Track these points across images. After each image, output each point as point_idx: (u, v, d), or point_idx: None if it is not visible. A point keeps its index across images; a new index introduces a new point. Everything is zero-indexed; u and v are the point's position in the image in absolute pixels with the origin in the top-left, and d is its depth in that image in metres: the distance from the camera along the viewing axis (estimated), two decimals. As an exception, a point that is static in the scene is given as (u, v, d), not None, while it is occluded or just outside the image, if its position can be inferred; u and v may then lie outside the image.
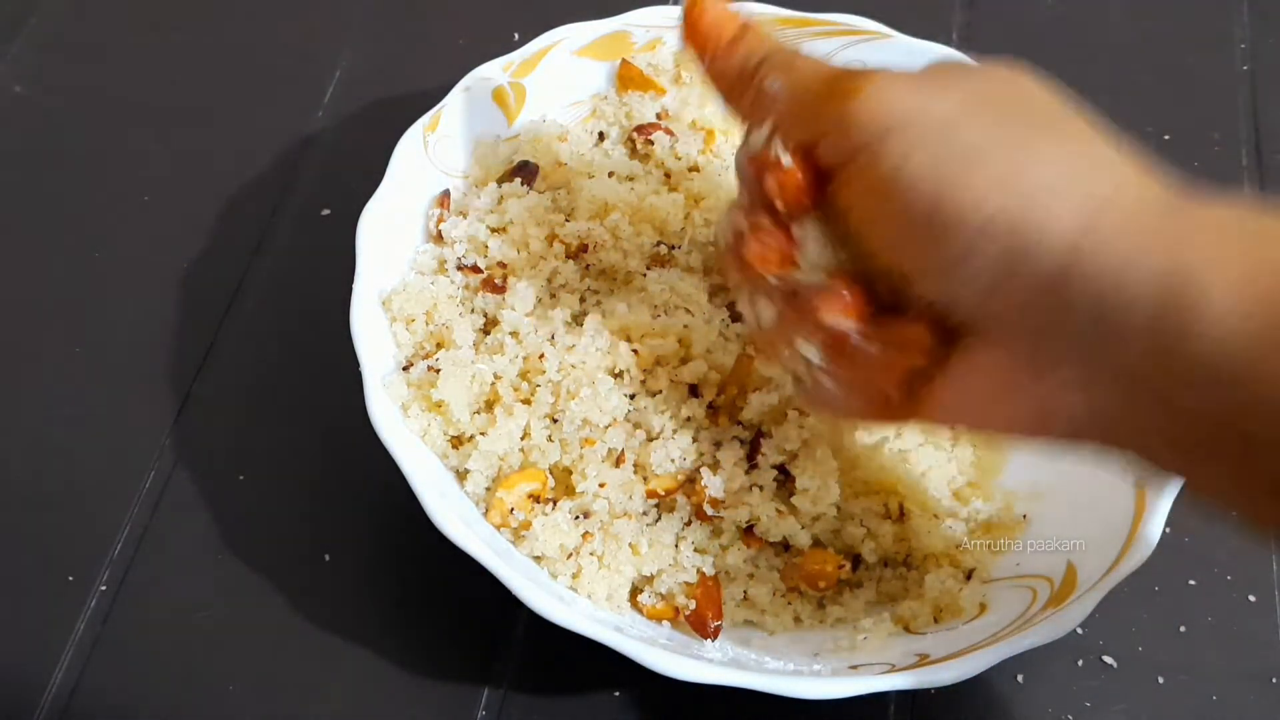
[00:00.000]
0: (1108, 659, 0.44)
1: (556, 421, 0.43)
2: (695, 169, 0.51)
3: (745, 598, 0.43)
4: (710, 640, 0.41)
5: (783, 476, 0.43)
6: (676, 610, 0.42)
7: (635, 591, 0.43)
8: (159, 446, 0.48)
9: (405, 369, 0.44)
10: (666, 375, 0.44)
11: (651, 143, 0.51)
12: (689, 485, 0.43)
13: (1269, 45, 0.62)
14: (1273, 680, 0.43)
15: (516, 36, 0.60)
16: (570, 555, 0.42)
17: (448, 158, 0.49)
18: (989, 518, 0.45)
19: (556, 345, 0.44)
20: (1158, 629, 0.44)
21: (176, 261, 0.54)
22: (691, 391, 0.44)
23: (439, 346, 0.45)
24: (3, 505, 0.47)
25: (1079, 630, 0.40)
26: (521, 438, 0.43)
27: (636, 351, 0.43)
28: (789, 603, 0.43)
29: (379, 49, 0.62)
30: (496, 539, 0.41)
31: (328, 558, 0.46)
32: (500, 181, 0.49)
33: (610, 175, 0.50)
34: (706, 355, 0.44)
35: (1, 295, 0.53)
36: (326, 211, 0.55)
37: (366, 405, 0.42)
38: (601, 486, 0.42)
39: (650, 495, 0.43)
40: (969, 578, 0.43)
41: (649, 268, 0.47)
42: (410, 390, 0.44)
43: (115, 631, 0.44)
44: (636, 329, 0.44)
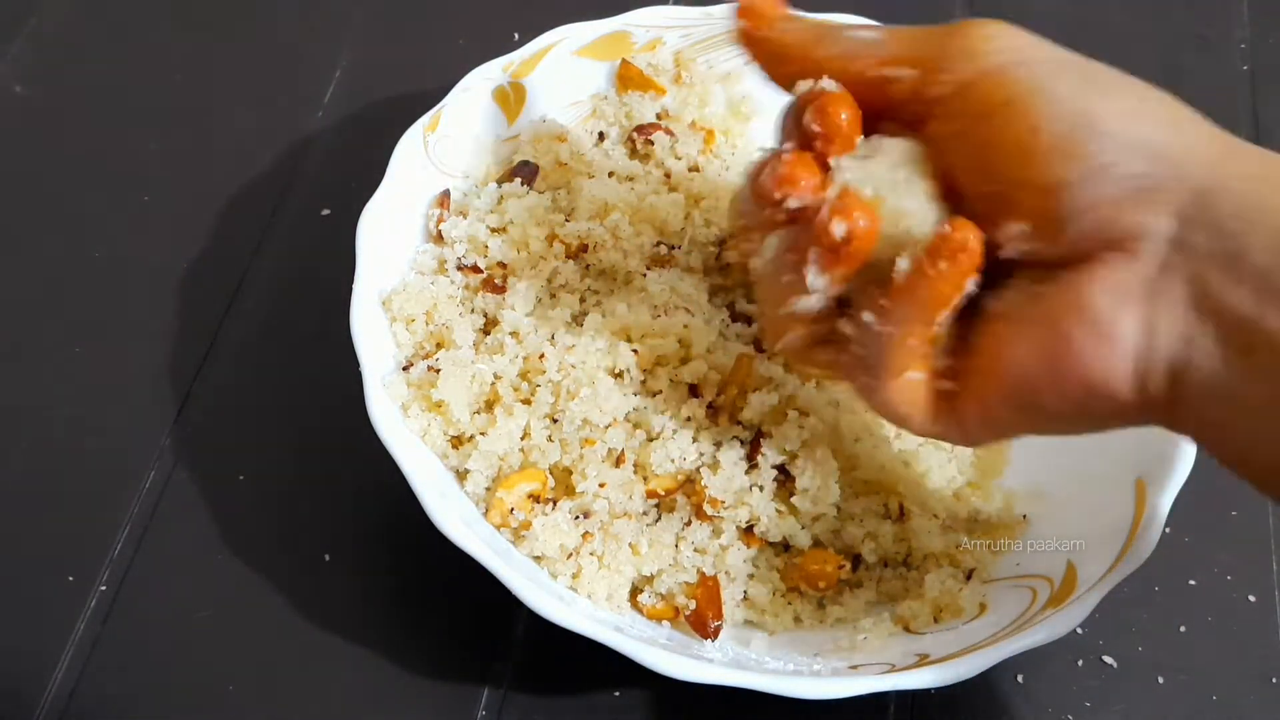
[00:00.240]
0: (1108, 659, 0.44)
1: (556, 421, 0.43)
2: (695, 169, 0.51)
3: (745, 598, 0.43)
4: (710, 640, 0.41)
5: (783, 476, 0.43)
6: (676, 610, 0.42)
7: (635, 591, 0.43)
8: (159, 446, 0.48)
9: (405, 369, 0.44)
10: (666, 375, 0.44)
11: (651, 143, 0.50)
12: (689, 485, 0.43)
13: (1269, 45, 0.62)
14: (1273, 680, 0.43)
15: (516, 36, 0.60)
16: (570, 555, 0.42)
17: (448, 158, 0.49)
18: (989, 518, 0.45)
19: (556, 345, 0.44)
20: (1158, 629, 0.44)
21: (176, 261, 0.54)
22: (691, 391, 0.44)
23: (439, 346, 0.45)
24: (3, 505, 0.47)
25: (1079, 630, 0.40)
26: (521, 438, 0.43)
27: (636, 351, 0.43)
28: (789, 603, 0.43)
29: (379, 49, 0.62)
30: (496, 539, 0.41)
31: (328, 558, 0.46)
32: (500, 181, 0.49)
33: (610, 175, 0.49)
34: (706, 355, 0.44)
35: (1, 295, 0.53)
36: (326, 211, 0.55)
37: (366, 405, 0.42)
38: (601, 486, 0.42)
39: (650, 495, 0.43)
40: (969, 578, 0.43)
41: (649, 268, 0.47)
42: (410, 390, 0.44)
43: (115, 631, 0.44)
44: (636, 329, 0.44)
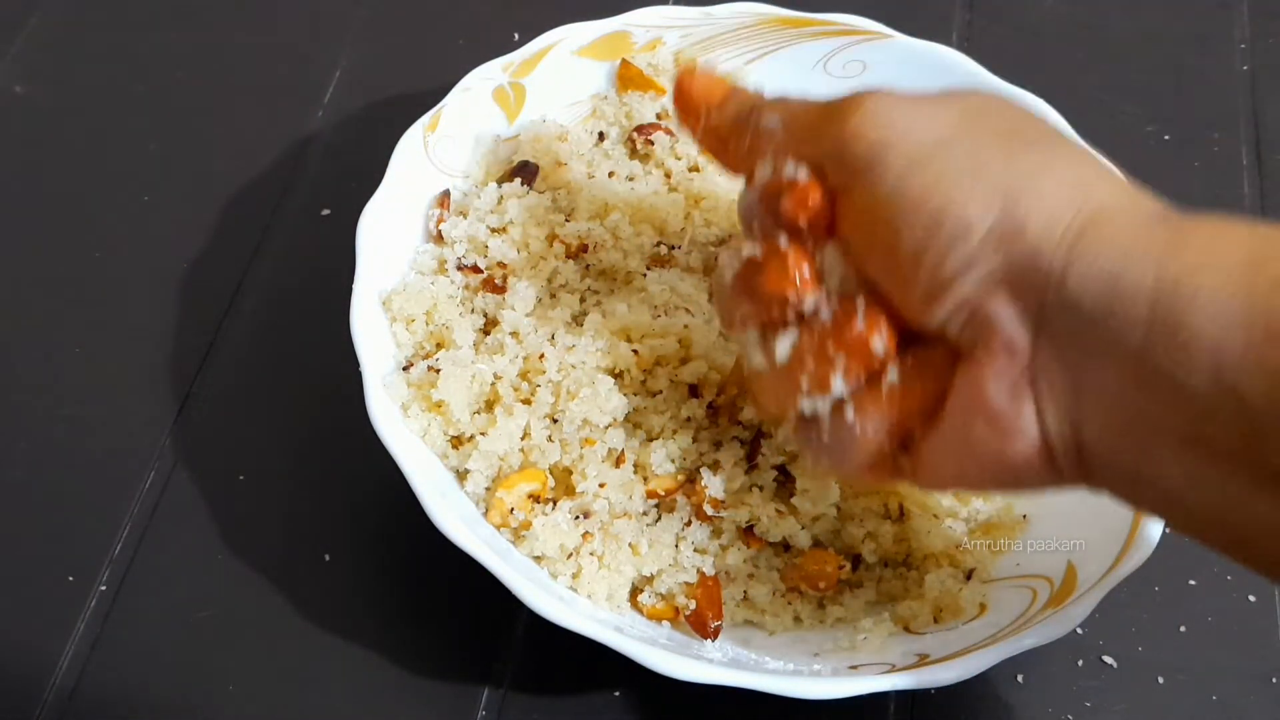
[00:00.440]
0: (1108, 659, 0.44)
1: (556, 421, 0.43)
2: (695, 169, 0.51)
3: (745, 598, 0.43)
4: (710, 640, 0.41)
5: (783, 476, 0.43)
6: (676, 610, 0.42)
7: (635, 591, 0.43)
8: (159, 446, 0.48)
9: (405, 369, 0.44)
10: (666, 375, 0.44)
11: (651, 143, 0.50)
12: (689, 485, 0.43)
13: (1269, 45, 0.62)
14: (1273, 680, 0.43)
15: (516, 36, 0.60)
16: (570, 555, 0.42)
17: (448, 158, 0.49)
18: (989, 518, 0.45)
19: (556, 345, 0.44)
20: (1158, 629, 0.44)
21: (176, 261, 0.54)
22: (691, 391, 0.44)
23: (439, 346, 0.45)
24: (3, 505, 0.47)
25: (1079, 630, 0.40)
26: (521, 438, 0.43)
27: (636, 352, 0.43)
28: (789, 603, 0.43)
29: (379, 49, 0.62)
30: (496, 539, 0.41)
31: (328, 558, 0.46)
32: (500, 181, 0.49)
33: (610, 175, 0.50)
34: (706, 355, 0.44)
35: (2, 295, 0.53)
36: (326, 211, 0.55)
37: (366, 405, 0.42)
38: (601, 486, 0.42)
39: (650, 495, 0.43)
40: (969, 578, 0.43)
41: (649, 268, 0.47)
42: (410, 390, 0.44)
43: (115, 631, 0.44)
44: (636, 329, 0.44)
